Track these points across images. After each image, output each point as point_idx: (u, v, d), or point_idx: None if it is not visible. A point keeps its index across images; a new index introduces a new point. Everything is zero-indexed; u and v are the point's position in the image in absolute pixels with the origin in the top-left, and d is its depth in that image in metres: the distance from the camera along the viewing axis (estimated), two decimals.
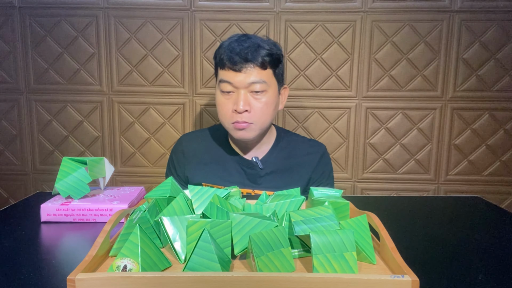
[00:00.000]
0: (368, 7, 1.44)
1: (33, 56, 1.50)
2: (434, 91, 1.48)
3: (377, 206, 0.90)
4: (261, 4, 1.45)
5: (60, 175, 0.80)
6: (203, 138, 1.16)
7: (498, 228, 0.76)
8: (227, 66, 0.98)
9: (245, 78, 0.97)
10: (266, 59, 0.98)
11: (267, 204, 0.66)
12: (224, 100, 1.00)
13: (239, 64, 0.96)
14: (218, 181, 1.07)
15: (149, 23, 1.47)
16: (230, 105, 0.99)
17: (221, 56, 0.99)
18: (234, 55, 0.97)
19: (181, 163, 1.14)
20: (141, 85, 1.51)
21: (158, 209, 0.65)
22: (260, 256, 0.49)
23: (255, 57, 0.97)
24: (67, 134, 1.55)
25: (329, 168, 1.15)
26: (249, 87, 0.98)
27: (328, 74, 1.49)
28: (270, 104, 1.01)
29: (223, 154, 1.11)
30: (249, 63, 0.96)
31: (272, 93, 1.01)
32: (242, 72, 0.97)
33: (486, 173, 1.53)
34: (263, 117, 1.00)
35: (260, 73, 0.98)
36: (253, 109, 0.99)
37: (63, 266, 0.57)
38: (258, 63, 0.97)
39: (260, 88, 0.98)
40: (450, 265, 0.58)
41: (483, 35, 1.44)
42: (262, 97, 0.99)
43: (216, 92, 1.03)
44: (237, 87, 0.98)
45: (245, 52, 0.96)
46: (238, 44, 0.98)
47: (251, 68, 0.97)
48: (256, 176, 1.07)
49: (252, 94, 0.99)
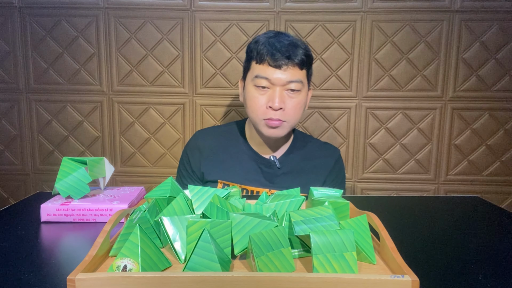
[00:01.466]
0: (368, 7, 1.44)
1: (33, 56, 1.50)
2: (434, 91, 1.48)
3: (377, 206, 0.90)
4: (261, 4, 1.45)
5: (60, 175, 0.80)
6: (219, 134, 1.15)
7: (498, 228, 0.76)
8: (266, 62, 0.97)
9: (284, 76, 0.97)
10: (304, 59, 0.98)
11: (267, 204, 0.66)
12: (257, 95, 0.99)
13: (280, 61, 0.96)
14: (235, 178, 1.06)
15: (149, 23, 1.47)
16: (264, 101, 0.99)
17: (259, 50, 0.98)
18: (275, 51, 0.96)
19: (197, 159, 1.12)
20: (141, 85, 1.51)
21: (158, 209, 0.65)
22: (260, 256, 0.49)
23: (296, 55, 0.97)
24: (67, 134, 1.55)
25: (342, 173, 1.16)
26: (286, 85, 0.98)
27: (328, 74, 1.49)
28: (302, 104, 1.02)
29: (240, 151, 1.10)
30: (290, 61, 0.96)
31: (305, 93, 1.02)
32: (282, 70, 0.96)
33: (486, 173, 1.53)
34: (295, 116, 1.01)
35: (297, 72, 0.98)
36: (287, 107, 0.99)
37: (63, 266, 0.57)
38: (297, 62, 0.97)
39: (295, 87, 0.98)
40: (450, 265, 0.58)
41: (483, 35, 1.44)
42: (296, 96, 0.99)
43: (248, 86, 1.02)
44: (274, 84, 0.98)
45: (286, 49, 0.96)
46: (277, 41, 0.98)
47: (291, 67, 0.97)
48: (273, 175, 1.07)
49: (287, 93, 0.99)
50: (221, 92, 1.51)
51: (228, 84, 1.50)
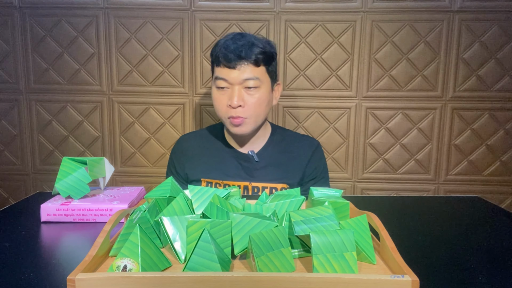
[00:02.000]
0: (368, 7, 1.44)
1: (33, 56, 1.50)
2: (434, 91, 1.48)
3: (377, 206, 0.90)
4: (261, 4, 1.45)
5: (60, 175, 0.80)
6: (201, 136, 1.20)
7: (498, 228, 0.76)
8: (222, 64, 1.02)
9: (239, 75, 1.01)
10: (260, 57, 1.02)
11: (267, 204, 0.66)
12: (219, 96, 1.05)
13: (233, 61, 1.00)
14: (217, 175, 1.11)
15: (149, 23, 1.47)
16: (225, 100, 1.04)
17: (216, 54, 1.04)
18: (228, 52, 1.01)
19: (181, 162, 1.17)
20: (141, 85, 1.51)
21: (158, 209, 0.65)
22: (260, 256, 0.49)
23: (248, 54, 1.01)
24: (67, 134, 1.55)
25: (322, 162, 1.19)
26: (242, 83, 1.02)
27: (328, 74, 1.49)
28: (263, 100, 1.05)
29: (221, 149, 1.16)
30: (242, 61, 1.01)
31: (265, 89, 1.05)
32: (236, 69, 1.01)
33: (486, 173, 1.53)
34: (256, 111, 1.05)
35: (253, 70, 1.02)
36: (246, 104, 1.03)
37: (63, 266, 0.57)
38: (251, 61, 1.01)
39: (253, 84, 1.02)
40: (450, 265, 0.58)
41: (483, 35, 1.44)
42: (255, 93, 1.03)
43: (212, 88, 1.08)
44: (232, 84, 1.02)
45: (239, 50, 1.00)
46: (232, 42, 1.02)
47: (245, 65, 1.01)
48: (252, 169, 1.11)
49: (246, 90, 1.03)
50: None
51: None
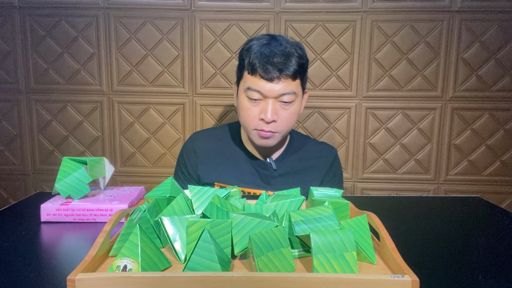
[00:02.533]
0: (368, 7, 1.44)
1: (33, 56, 1.50)
2: (434, 91, 1.48)
3: (377, 206, 0.90)
4: (261, 4, 1.45)
5: (60, 175, 0.80)
6: (215, 137, 1.14)
7: (498, 228, 0.76)
8: (258, 74, 0.94)
9: (276, 88, 0.94)
10: (297, 69, 0.95)
11: (267, 204, 0.66)
12: (250, 107, 0.97)
13: (272, 73, 0.93)
14: (231, 181, 1.05)
15: (149, 23, 1.47)
16: (256, 112, 0.97)
17: (252, 61, 0.95)
18: (267, 64, 0.93)
19: (193, 162, 1.11)
20: (141, 85, 1.51)
21: (158, 209, 0.65)
22: (260, 256, 0.49)
23: (288, 67, 0.94)
24: (67, 134, 1.55)
25: (340, 171, 1.16)
26: (278, 98, 0.96)
27: (328, 74, 1.49)
28: (296, 114, 1.00)
29: (236, 154, 1.10)
30: (282, 74, 0.94)
31: (298, 102, 1.00)
32: (274, 83, 0.94)
33: (486, 173, 1.53)
34: (288, 125, 1.00)
35: (290, 84, 0.95)
36: (279, 118, 0.97)
37: (63, 266, 0.57)
38: (290, 74, 0.94)
39: (288, 99, 0.96)
40: (450, 265, 0.58)
41: (483, 35, 1.44)
42: (289, 107, 0.98)
43: (240, 96, 1.00)
44: (267, 96, 0.96)
45: (279, 61, 0.93)
46: (269, 51, 0.95)
47: (283, 79, 0.94)
48: (270, 177, 1.06)
49: (280, 104, 0.97)
50: (221, 92, 1.51)
51: (228, 84, 1.50)
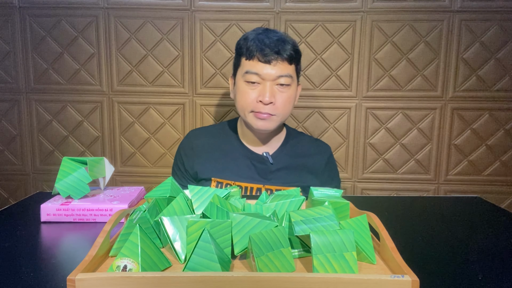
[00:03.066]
0: (368, 7, 1.44)
1: (33, 56, 1.50)
2: (434, 91, 1.48)
3: (377, 206, 0.90)
4: (261, 4, 1.45)
5: (60, 175, 0.79)
6: (212, 133, 1.16)
7: (498, 228, 0.76)
8: (256, 57, 0.99)
9: (274, 71, 0.99)
10: (293, 54, 1.00)
11: (267, 204, 0.66)
12: (248, 90, 1.01)
13: (269, 56, 0.97)
14: (229, 175, 1.06)
15: (149, 23, 1.47)
16: (254, 95, 1.00)
17: (249, 47, 1.00)
18: (264, 47, 0.98)
19: (190, 158, 1.12)
20: (141, 85, 1.51)
21: (158, 209, 0.65)
22: (260, 256, 0.49)
23: (285, 50, 0.98)
24: (67, 134, 1.55)
25: (335, 169, 1.17)
26: (276, 80, 1.00)
27: (328, 74, 1.49)
28: (292, 98, 1.04)
29: (233, 149, 1.11)
30: (279, 56, 0.98)
31: (294, 88, 1.04)
32: (272, 65, 0.98)
33: (486, 173, 1.53)
34: (285, 110, 1.03)
35: (287, 67, 1.00)
36: (277, 101, 1.00)
37: (63, 266, 0.57)
38: (286, 57, 0.99)
39: (285, 82, 1.00)
40: (450, 265, 0.58)
41: (483, 35, 1.44)
42: (286, 91, 1.01)
43: (238, 82, 1.04)
44: (264, 79, 0.99)
45: (275, 45, 0.98)
46: (266, 37, 1.00)
47: (280, 62, 0.99)
48: (267, 171, 1.08)
49: (277, 87, 1.01)
50: (221, 92, 1.51)
51: (228, 84, 1.50)
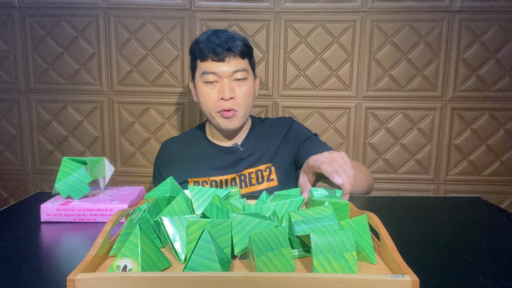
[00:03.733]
0: (368, 7, 1.44)
1: (33, 56, 1.50)
2: (434, 91, 1.48)
3: (377, 206, 0.90)
4: (261, 4, 1.45)
5: (60, 175, 0.79)
6: (184, 140, 1.21)
7: (498, 228, 0.76)
8: (210, 58, 1.03)
9: (228, 67, 1.03)
10: (244, 49, 1.05)
11: (267, 204, 0.66)
12: (208, 91, 1.05)
13: (222, 54, 1.02)
14: (203, 173, 1.11)
15: (149, 23, 1.47)
16: (215, 94, 1.05)
17: (201, 49, 1.04)
18: (216, 46, 1.02)
19: (166, 166, 1.17)
20: (141, 85, 1.51)
21: (158, 209, 0.65)
22: (260, 256, 0.49)
23: (235, 47, 1.03)
24: (67, 134, 1.55)
25: (303, 127, 1.21)
26: (232, 76, 1.04)
27: (328, 74, 1.49)
28: (251, 91, 1.09)
29: (205, 149, 1.16)
30: (231, 53, 1.03)
31: (251, 81, 1.09)
32: (226, 62, 1.03)
33: (486, 173, 1.53)
34: (246, 103, 1.07)
35: (240, 62, 1.05)
36: (237, 96, 1.05)
37: (63, 266, 0.57)
38: (238, 53, 1.04)
39: (242, 76, 1.05)
40: (450, 265, 0.58)
41: (483, 35, 1.44)
42: (244, 85, 1.06)
43: (198, 85, 1.08)
44: (221, 77, 1.04)
45: (226, 42, 1.03)
46: (216, 37, 1.04)
47: (233, 58, 1.04)
48: (238, 160, 1.12)
49: (235, 82, 1.05)
50: None
51: None
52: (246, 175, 1.10)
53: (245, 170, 1.11)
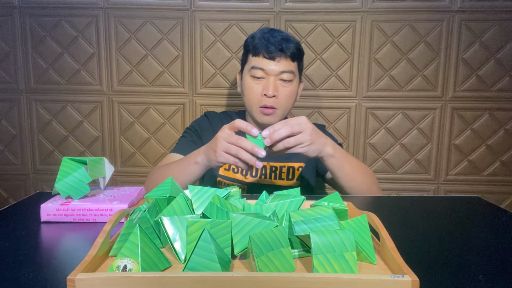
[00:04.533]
0: (368, 7, 1.44)
1: (33, 56, 1.50)
2: (434, 91, 1.48)
3: (377, 206, 0.90)
4: (261, 4, 1.45)
5: (60, 175, 0.79)
6: (224, 117, 1.25)
7: (498, 228, 0.76)
8: (261, 54, 1.08)
9: (277, 66, 1.07)
10: (295, 52, 1.09)
11: (267, 204, 0.66)
12: (254, 85, 1.10)
13: (273, 53, 1.07)
14: None
15: (149, 23, 1.47)
16: (259, 90, 1.09)
17: (255, 44, 1.09)
18: (269, 44, 1.07)
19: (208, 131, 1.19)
20: (141, 85, 1.51)
21: (158, 209, 0.65)
22: (260, 256, 0.49)
23: (288, 48, 1.07)
24: (67, 134, 1.55)
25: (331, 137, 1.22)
26: (278, 75, 1.08)
27: (328, 74, 1.49)
28: (294, 93, 1.13)
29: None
30: (282, 53, 1.07)
31: (296, 84, 1.13)
32: (275, 61, 1.07)
33: (486, 173, 1.53)
34: (287, 104, 1.11)
35: (289, 64, 1.09)
36: (280, 95, 1.09)
37: (63, 266, 0.57)
38: (289, 55, 1.08)
39: (287, 77, 1.09)
40: (450, 265, 0.58)
41: (483, 35, 1.44)
42: (288, 86, 1.10)
43: (245, 77, 1.13)
44: (268, 74, 1.08)
45: (280, 43, 1.07)
46: (271, 36, 1.08)
47: (283, 59, 1.08)
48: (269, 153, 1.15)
49: (280, 82, 1.09)
50: (221, 92, 1.51)
51: (228, 84, 1.50)
52: (278, 167, 1.14)
53: (277, 163, 1.14)
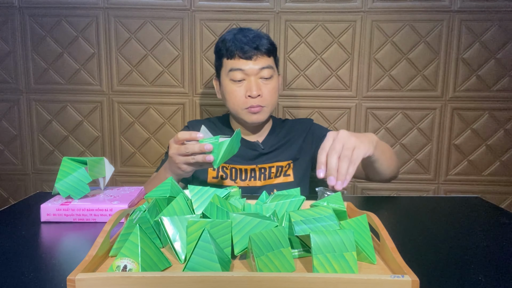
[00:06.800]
0: (368, 7, 1.44)
1: (33, 56, 1.50)
2: (434, 91, 1.48)
3: (377, 206, 0.90)
4: (261, 4, 1.45)
5: (60, 175, 0.79)
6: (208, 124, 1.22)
7: (498, 228, 0.76)
8: (237, 56, 1.06)
9: (256, 65, 1.06)
10: (270, 47, 1.08)
11: (267, 204, 0.66)
12: (235, 88, 1.08)
13: (249, 52, 1.05)
14: None
15: (149, 23, 1.47)
16: (242, 92, 1.07)
17: (228, 47, 1.07)
18: (243, 44, 1.05)
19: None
20: (141, 85, 1.51)
21: (158, 209, 0.65)
22: (260, 256, 0.49)
23: (262, 45, 1.06)
24: (67, 134, 1.55)
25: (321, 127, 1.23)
26: (258, 74, 1.07)
27: (328, 74, 1.49)
28: (276, 88, 1.12)
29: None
30: (258, 51, 1.06)
31: (276, 79, 1.12)
32: (253, 60, 1.06)
33: (486, 173, 1.53)
34: (272, 100, 1.10)
35: (266, 60, 1.08)
36: (264, 93, 1.08)
37: (63, 266, 0.57)
38: (264, 51, 1.07)
39: (268, 74, 1.08)
40: (450, 265, 0.58)
41: (483, 35, 1.44)
42: (270, 82, 1.09)
43: (224, 82, 1.10)
44: (248, 74, 1.07)
45: (253, 41, 1.06)
46: (243, 36, 1.07)
47: (260, 56, 1.06)
48: (258, 155, 1.16)
49: (261, 80, 1.08)
50: None
51: None
52: (266, 168, 1.14)
53: (265, 164, 1.14)
